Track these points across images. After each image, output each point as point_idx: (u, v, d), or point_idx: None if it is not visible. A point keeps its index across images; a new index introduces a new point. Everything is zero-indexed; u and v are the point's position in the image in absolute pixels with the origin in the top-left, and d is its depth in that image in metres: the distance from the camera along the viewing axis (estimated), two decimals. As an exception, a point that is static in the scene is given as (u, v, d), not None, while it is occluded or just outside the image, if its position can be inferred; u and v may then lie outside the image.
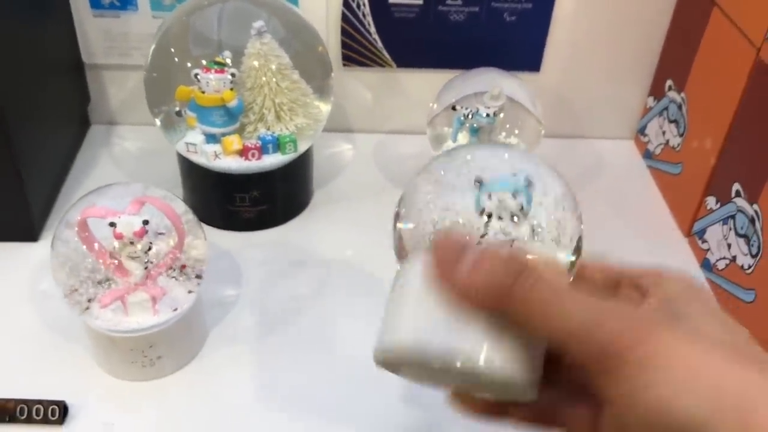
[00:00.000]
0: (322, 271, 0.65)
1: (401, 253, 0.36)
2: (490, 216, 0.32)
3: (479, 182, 0.33)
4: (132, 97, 0.78)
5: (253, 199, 0.67)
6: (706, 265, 0.66)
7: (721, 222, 0.64)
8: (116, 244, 0.52)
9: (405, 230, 0.36)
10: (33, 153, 0.64)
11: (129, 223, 0.52)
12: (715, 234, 0.65)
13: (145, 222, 0.52)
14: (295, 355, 0.57)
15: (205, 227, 0.64)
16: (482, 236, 0.32)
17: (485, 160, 0.36)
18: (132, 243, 0.52)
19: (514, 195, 0.32)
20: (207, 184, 0.67)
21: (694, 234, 0.69)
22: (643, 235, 0.72)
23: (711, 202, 0.66)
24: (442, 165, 0.37)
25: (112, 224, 0.52)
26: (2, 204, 0.63)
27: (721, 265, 0.64)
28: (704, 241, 0.67)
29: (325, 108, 0.67)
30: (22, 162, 0.62)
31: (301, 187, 0.70)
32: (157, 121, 0.66)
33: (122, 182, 0.56)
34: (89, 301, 0.56)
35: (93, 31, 0.73)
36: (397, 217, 0.37)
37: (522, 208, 0.32)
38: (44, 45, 0.68)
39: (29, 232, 0.65)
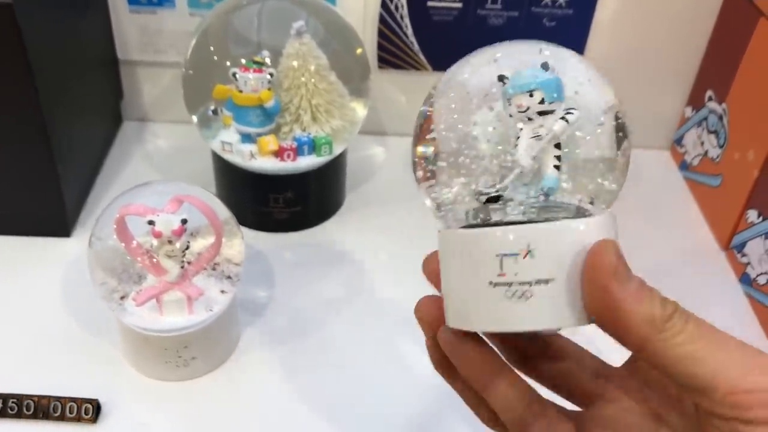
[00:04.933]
0: (355, 275, 0.64)
1: (422, 177, 0.33)
2: (519, 122, 0.29)
3: (501, 79, 0.30)
4: (166, 95, 0.78)
5: (287, 200, 0.66)
6: (745, 280, 0.65)
7: (764, 236, 0.62)
8: (154, 242, 0.51)
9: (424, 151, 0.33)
10: (68, 149, 0.64)
11: (168, 222, 0.51)
12: (756, 248, 0.63)
13: (184, 221, 0.51)
14: (327, 358, 0.57)
15: (240, 227, 0.63)
16: (516, 145, 0.29)
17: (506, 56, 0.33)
18: (170, 241, 0.52)
19: (531, 93, 0.29)
20: (241, 183, 0.66)
21: (732, 248, 0.68)
22: (680, 247, 0.71)
23: (752, 215, 0.65)
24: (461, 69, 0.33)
25: (151, 222, 0.51)
26: (37, 199, 0.63)
27: (762, 280, 0.62)
28: (744, 255, 0.66)
29: (361, 110, 0.66)
30: (58, 158, 0.61)
31: (334, 189, 0.70)
32: (194, 118, 0.65)
33: (160, 180, 0.56)
34: (122, 298, 0.55)
35: (129, 27, 0.73)
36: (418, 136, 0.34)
37: (543, 101, 0.29)
38: (80, 41, 0.68)
39: (63, 228, 0.65)
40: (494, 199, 0.30)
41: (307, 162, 0.64)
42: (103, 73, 0.74)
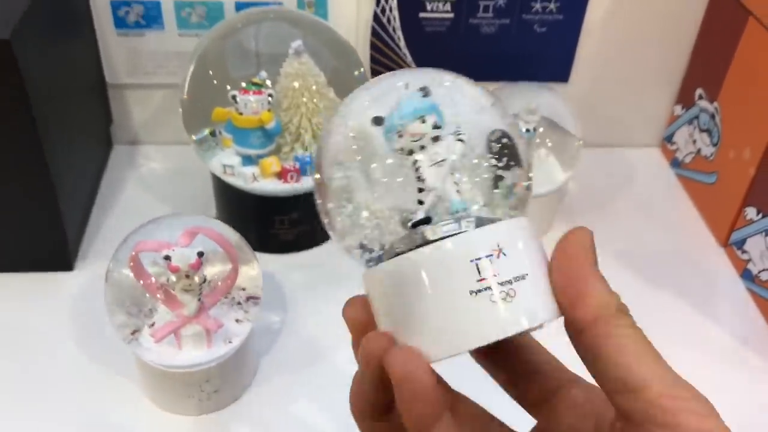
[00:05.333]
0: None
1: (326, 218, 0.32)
2: (411, 152, 0.28)
3: (378, 122, 0.29)
4: (156, 116, 0.77)
5: (293, 221, 0.65)
6: (747, 276, 0.66)
7: (764, 233, 0.64)
8: (173, 277, 0.51)
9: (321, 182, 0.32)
10: (66, 181, 0.63)
11: (184, 256, 0.50)
12: (756, 245, 0.65)
13: (200, 254, 0.51)
14: (346, 381, 0.56)
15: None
16: (421, 180, 0.28)
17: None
18: (188, 276, 0.51)
19: (423, 119, 0.28)
20: (244, 206, 0.66)
21: (731, 244, 0.69)
22: (678, 244, 0.72)
23: (751, 212, 0.66)
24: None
25: (167, 257, 0.50)
26: (39, 235, 0.61)
27: (764, 276, 0.64)
28: (744, 252, 0.67)
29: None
30: (59, 193, 0.60)
31: (338, 206, 0.69)
32: (193, 139, 0.64)
33: (172, 214, 0.55)
34: (133, 333, 0.55)
35: (117, 51, 0.71)
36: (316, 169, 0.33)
37: (436, 125, 0.28)
38: (70, 68, 0.66)
39: (65, 262, 0.63)
40: (422, 223, 0.28)
41: (311, 182, 0.63)
42: (93, 99, 0.73)
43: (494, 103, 0.31)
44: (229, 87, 0.61)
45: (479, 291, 0.26)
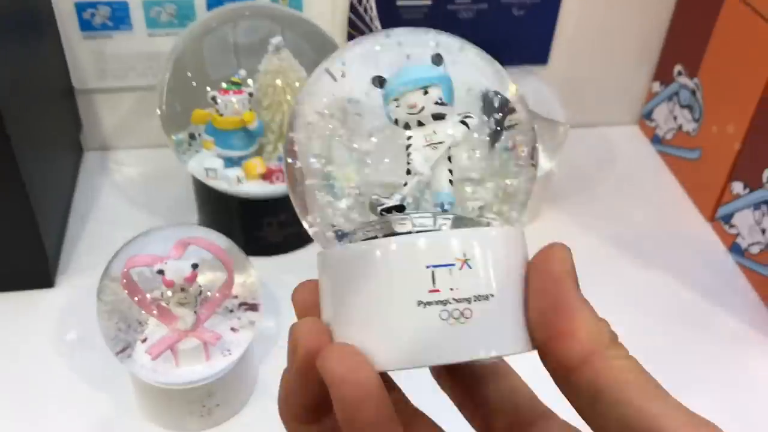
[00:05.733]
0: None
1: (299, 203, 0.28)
2: (407, 127, 0.25)
3: (378, 83, 0.25)
4: (128, 120, 0.74)
5: (281, 223, 0.64)
6: (736, 250, 0.67)
7: (752, 207, 0.64)
8: (168, 292, 0.49)
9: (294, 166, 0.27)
10: (41, 194, 0.60)
11: (178, 269, 0.49)
12: (745, 219, 0.65)
13: (195, 266, 0.49)
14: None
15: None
16: (408, 162, 0.25)
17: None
18: (183, 289, 0.49)
19: (426, 90, 0.24)
20: (229, 210, 0.64)
21: (718, 219, 0.70)
22: (664, 221, 0.72)
23: (738, 187, 0.66)
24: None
25: (161, 271, 0.48)
26: (16, 250, 0.59)
27: (754, 250, 0.64)
28: (732, 226, 0.67)
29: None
30: (33, 202, 0.57)
31: (325, 203, 0.68)
32: (173, 141, 0.62)
33: (160, 226, 0.53)
34: (124, 350, 0.53)
35: (83, 54, 0.68)
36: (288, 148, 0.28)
37: (441, 101, 0.24)
38: (35, 74, 0.63)
39: (46, 278, 0.61)
40: (392, 209, 0.25)
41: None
42: (61, 105, 0.70)
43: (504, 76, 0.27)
44: (209, 88, 0.58)
45: (428, 303, 0.23)
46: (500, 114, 0.26)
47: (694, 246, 0.70)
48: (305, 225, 0.28)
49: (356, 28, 0.70)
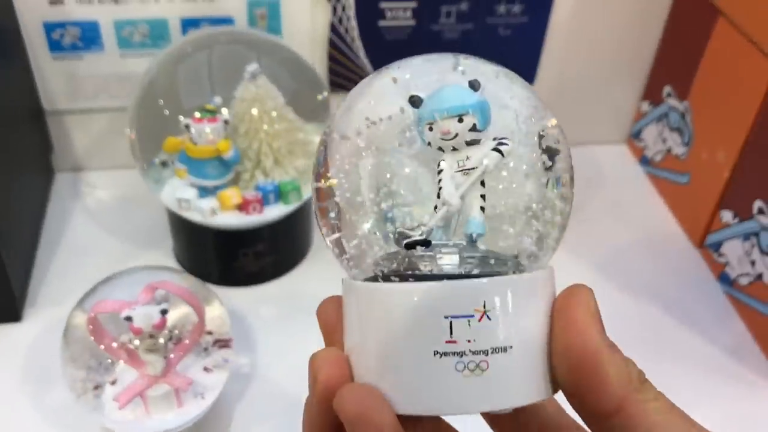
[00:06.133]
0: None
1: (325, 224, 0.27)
2: (440, 149, 0.24)
3: (414, 103, 0.25)
4: (100, 141, 0.71)
5: (257, 254, 0.62)
6: (725, 279, 0.65)
7: (742, 238, 0.62)
8: (135, 341, 0.47)
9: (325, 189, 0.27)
10: (7, 217, 0.58)
11: (147, 315, 0.47)
12: (734, 249, 0.64)
13: (164, 311, 0.47)
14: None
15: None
16: (439, 180, 0.24)
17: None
18: (152, 336, 0.47)
19: (461, 118, 0.24)
20: (204, 241, 0.62)
21: (707, 246, 0.68)
22: (652, 245, 0.71)
23: (727, 216, 0.65)
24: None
25: (128, 318, 0.46)
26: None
27: (743, 281, 0.63)
28: (720, 255, 0.66)
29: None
30: (1, 240, 0.55)
31: (305, 231, 0.66)
32: (143, 168, 0.59)
33: (129, 269, 0.51)
34: (96, 388, 0.51)
35: (53, 76, 0.66)
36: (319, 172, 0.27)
37: (475, 128, 0.24)
38: (1, 97, 0.61)
39: (12, 312, 0.59)
40: (417, 245, 0.24)
41: (274, 212, 0.60)
42: (29, 127, 0.67)
43: (540, 103, 0.27)
44: (181, 117, 0.56)
45: (444, 354, 0.23)
46: (553, 149, 0.26)
47: (681, 273, 0.68)
48: (330, 244, 0.27)
49: (337, 48, 0.68)
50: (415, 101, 0.24)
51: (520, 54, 0.71)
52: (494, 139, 0.24)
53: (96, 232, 0.67)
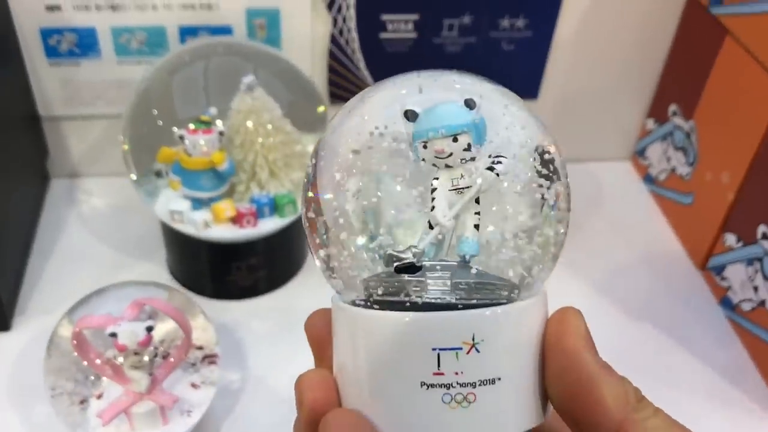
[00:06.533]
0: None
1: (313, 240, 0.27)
2: (435, 165, 0.24)
3: (410, 117, 0.24)
4: (96, 148, 0.71)
5: (251, 267, 0.61)
6: (727, 304, 0.64)
7: (746, 263, 0.61)
8: (120, 358, 0.46)
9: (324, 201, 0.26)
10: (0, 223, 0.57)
11: (132, 332, 0.46)
12: (737, 274, 0.62)
13: (149, 328, 0.46)
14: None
15: (196, 298, 0.58)
16: (432, 199, 0.24)
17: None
18: (137, 353, 0.46)
19: (456, 137, 0.23)
20: (197, 253, 0.61)
21: (709, 269, 0.67)
22: (653, 265, 0.70)
23: (731, 239, 0.63)
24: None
25: (113, 334, 0.46)
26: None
27: (746, 306, 0.61)
28: (723, 279, 0.64)
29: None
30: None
31: (299, 245, 0.65)
32: (133, 179, 0.59)
33: (118, 283, 0.50)
34: (82, 402, 0.50)
35: (49, 82, 0.65)
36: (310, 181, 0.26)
37: (470, 147, 0.24)
38: (-3, 103, 0.60)
39: (0, 320, 0.58)
40: (408, 269, 0.24)
41: (269, 225, 0.59)
42: (24, 133, 0.66)
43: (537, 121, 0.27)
44: (175, 128, 0.55)
45: (431, 385, 0.23)
46: (551, 168, 0.25)
47: (682, 295, 0.67)
48: (318, 261, 0.27)
49: (337, 60, 0.67)
50: (409, 116, 0.24)
51: (524, 69, 0.70)
52: (489, 156, 0.24)
53: (90, 241, 0.67)
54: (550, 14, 0.67)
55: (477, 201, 0.24)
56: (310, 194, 0.26)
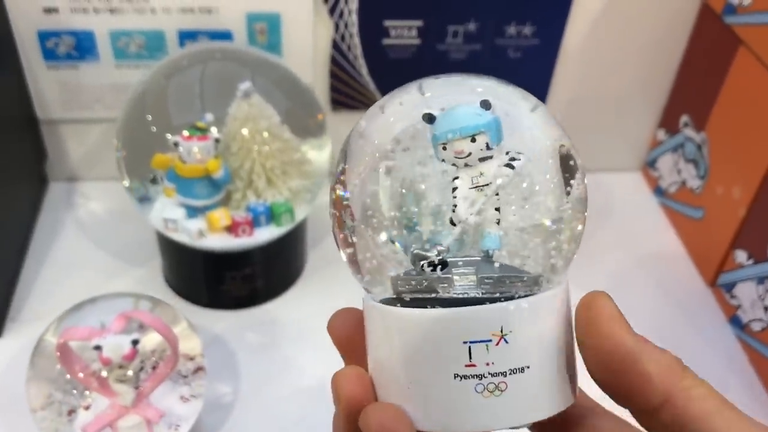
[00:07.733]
0: (329, 348, 0.59)
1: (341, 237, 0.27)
2: (455, 164, 0.25)
3: (429, 120, 0.25)
4: (95, 152, 0.70)
5: (246, 277, 0.60)
6: (736, 323, 0.62)
7: (756, 281, 0.59)
8: (103, 372, 0.45)
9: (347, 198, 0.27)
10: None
11: (117, 345, 0.45)
12: (748, 292, 0.60)
13: (135, 342, 0.45)
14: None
15: (190, 307, 0.57)
16: (454, 196, 0.25)
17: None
18: (121, 367, 0.45)
19: (474, 138, 0.24)
20: (191, 263, 0.60)
21: (719, 286, 0.65)
22: (661, 279, 0.68)
23: (741, 256, 0.61)
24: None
25: (98, 347, 0.45)
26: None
27: (756, 327, 0.59)
28: (733, 296, 0.62)
29: (322, 160, 0.60)
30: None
31: (297, 254, 0.63)
32: (125, 186, 0.58)
33: (106, 295, 0.49)
34: (70, 413, 0.49)
35: (47, 85, 0.64)
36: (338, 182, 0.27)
37: (488, 147, 0.25)
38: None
39: (-9, 328, 0.57)
40: (434, 266, 0.25)
41: (265, 234, 0.57)
42: (21, 135, 0.66)
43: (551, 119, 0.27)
44: (168, 135, 0.54)
45: (464, 377, 0.24)
46: (570, 164, 0.26)
47: (691, 311, 0.65)
48: (343, 256, 0.27)
49: (339, 66, 0.66)
50: (428, 118, 0.25)
51: (530, 77, 0.69)
52: (507, 153, 0.25)
53: (86, 246, 0.66)
54: (558, 21, 0.65)
55: (497, 195, 0.25)
56: (339, 190, 0.27)
